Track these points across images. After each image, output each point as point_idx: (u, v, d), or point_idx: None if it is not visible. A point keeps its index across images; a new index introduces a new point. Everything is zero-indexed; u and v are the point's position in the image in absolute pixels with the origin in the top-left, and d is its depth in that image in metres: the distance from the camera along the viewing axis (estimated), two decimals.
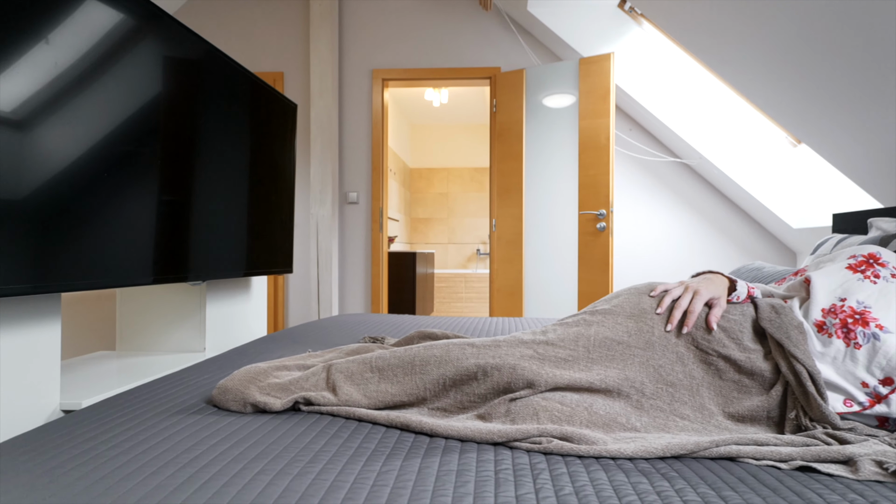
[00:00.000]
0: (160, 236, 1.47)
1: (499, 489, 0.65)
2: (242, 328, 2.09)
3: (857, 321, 0.91)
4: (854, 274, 0.98)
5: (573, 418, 0.87)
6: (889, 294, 0.94)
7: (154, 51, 1.45)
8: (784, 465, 0.77)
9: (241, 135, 1.93)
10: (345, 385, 0.95)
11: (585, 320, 1.03)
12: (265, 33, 4.22)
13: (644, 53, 3.76)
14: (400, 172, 7.72)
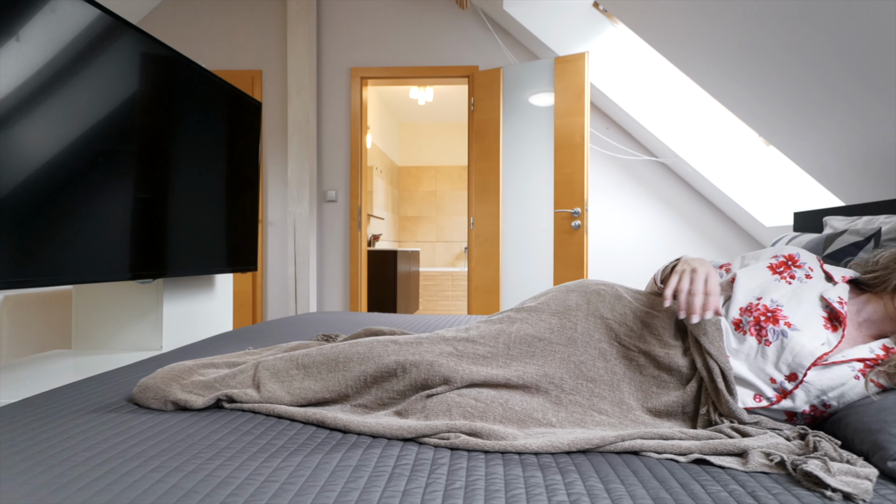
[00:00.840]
0: (112, 235, 1.48)
1: (389, 483, 0.67)
2: (206, 325, 2.10)
3: (768, 319, 0.93)
4: (773, 275, 1.00)
5: (487, 414, 0.88)
6: (800, 294, 0.96)
7: (111, 55, 1.46)
8: (682, 458, 0.79)
9: (202, 134, 1.94)
10: (269, 382, 0.96)
11: (510, 317, 1.05)
12: (243, 31, 4.21)
13: (619, 52, 3.78)
14: (387, 171, 7.71)
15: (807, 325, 0.91)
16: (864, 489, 0.65)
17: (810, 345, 0.89)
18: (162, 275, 1.69)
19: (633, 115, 3.83)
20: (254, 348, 1.25)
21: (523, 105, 3.85)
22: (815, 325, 0.91)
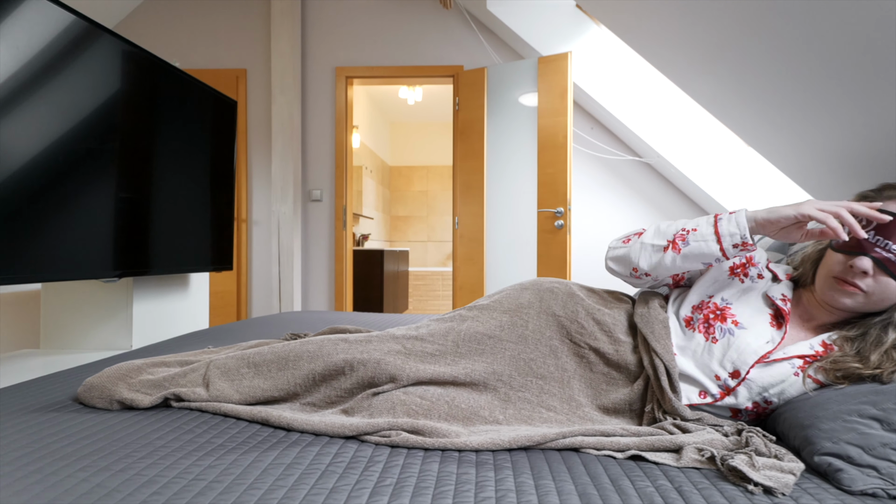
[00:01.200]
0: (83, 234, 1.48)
1: (319, 481, 0.67)
2: (180, 324, 2.10)
3: (717, 317, 0.94)
4: (730, 276, 1.01)
5: (432, 412, 0.89)
6: (749, 292, 0.97)
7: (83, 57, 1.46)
8: (619, 454, 0.80)
9: (176, 134, 1.94)
10: (218, 381, 0.96)
11: (461, 315, 1.05)
12: (227, 30, 4.20)
13: (603, 52, 3.80)
14: (378, 170, 7.70)
15: (753, 323, 0.92)
16: (784, 483, 0.66)
17: (755, 343, 0.90)
18: (131, 274, 1.69)
19: (616, 116, 3.85)
20: (213, 347, 1.25)
21: (507, 105, 3.86)
22: (761, 324, 0.92)
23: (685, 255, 0.93)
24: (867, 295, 0.85)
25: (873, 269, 0.83)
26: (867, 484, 0.66)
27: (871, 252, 0.83)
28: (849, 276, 0.85)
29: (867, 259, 0.83)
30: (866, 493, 0.65)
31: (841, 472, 0.68)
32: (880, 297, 0.85)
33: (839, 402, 0.76)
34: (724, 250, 0.89)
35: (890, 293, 0.84)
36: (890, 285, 0.83)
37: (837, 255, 0.88)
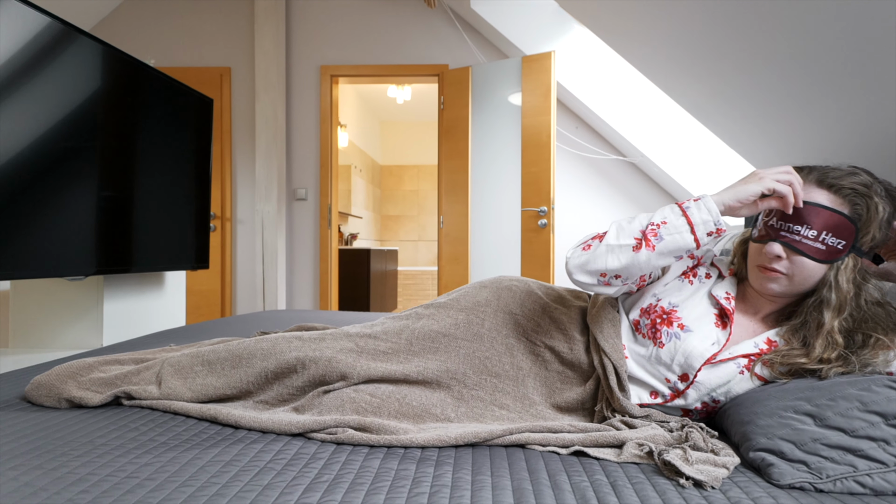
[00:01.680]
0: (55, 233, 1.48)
1: (256, 478, 0.67)
2: (155, 322, 2.09)
3: (663, 321, 0.94)
4: (680, 276, 1.01)
5: (382, 409, 0.89)
6: (696, 294, 0.97)
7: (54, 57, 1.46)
8: (563, 450, 0.80)
9: (150, 133, 1.93)
10: (171, 379, 0.96)
11: (418, 314, 1.06)
12: (211, 28, 4.18)
13: (587, 52, 3.81)
14: (368, 170, 7.69)
15: (699, 325, 0.92)
16: (714, 477, 0.66)
17: (701, 346, 0.90)
18: (104, 272, 1.68)
19: (601, 115, 3.86)
20: (175, 345, 1.25)
21: (492, 104, 3.87)
22: (707, 325, 0.92)
23: (660, 252, 0.86)
24: (789, 277, 0.87)
25: (785, 252, 0.86)
26: (795, 478, 0.66)
27: (778, 238, 0.86)
28: (767, 263, 0.88)
29: (776, 244, 0.86)
30: (794, 487, 0.66)
31: (772, 466, 0.68)
32: (802, 276, 0.86)
33: (777, 399, 0.77)
34: (699, 239, 0.85)
35: (809, 270, 0.86)
36: (805, 263, 0.85)
37: (755, 246, 0.91)
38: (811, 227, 0.84)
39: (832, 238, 0.84)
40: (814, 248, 0.84)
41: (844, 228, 0.83)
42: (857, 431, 0.67)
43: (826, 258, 0.84)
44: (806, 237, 0.84)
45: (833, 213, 0.84)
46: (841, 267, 0.85)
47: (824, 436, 0.68)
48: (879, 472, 0.65)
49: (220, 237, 4.15)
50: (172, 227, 2.10)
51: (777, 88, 2.12)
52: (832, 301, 0.84)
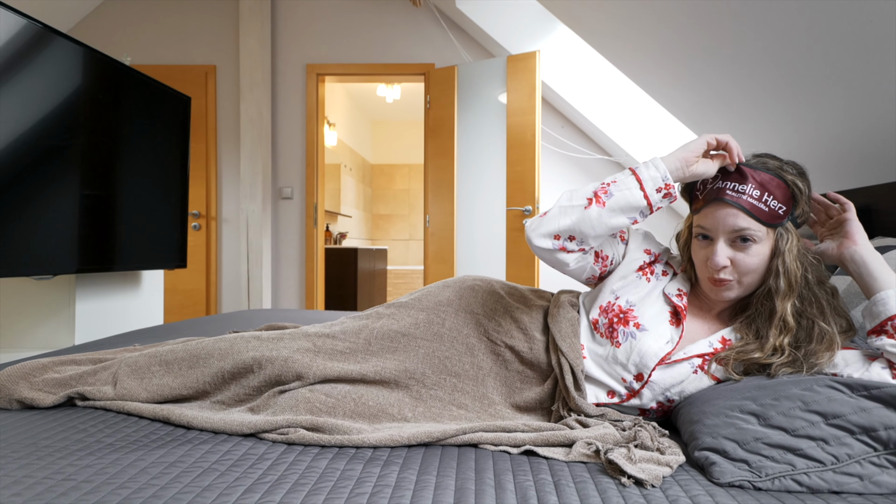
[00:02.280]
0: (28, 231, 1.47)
1: (196, 479, 0.67)
2: (130, 322, 2.08)
3: (620, 320, 0.94)
4: (637, 272, 1.01)
5: (336, 409, 0.89)
6: (652, 292, 0.97)
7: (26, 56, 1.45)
8: (515, 450, 0.80)
9: (125, 131, 1.92)
10: (126, 379, 0.96)
11: (378, 313, 1.05)
12: (196, 26, 4.15)
13: (572, 51, 3.81)
14: (358, 168, 7.67)
15: (654, 324, 0.92)
16: (655, 475, 0.67)
17: (655, 345, 0.90)
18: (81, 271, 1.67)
19: (586, 115, 3.87)
20: (140, 345, 1.24)
21: (478, 103, 3.87)
22: (662, 324, 0.93)
23: (610, 208, 0.87)
24: (738, 280, 0.88)
25: (727, 260, 0.86)
26: (735, 477, 0.67)
27: (723, 197, 0.86)
28: (714, 275, 0.88)
29: (717, 257, 0.86)
30: (733, 485, 0.67)
31: (714, 465, 0.69)
32: (750, 274, 0.87)
33: (726, 398, 0.77)
34: (648, 195, 0.87)
35: (753, 266, 0.86)
36: (747, 261, 0.85)
37: (700, 255, 0.91)
38: (755, 187, 0.85)
39: (774, 201, 0.85)
40: (758, 207, 0.84)
41: (784, 193, 0.85)
42: (797, 431, 0.67)
43: (769, 220, 0.85)
44: (751, 196, 0.85)
45: (774, 177, 0.86)
46: (785, 249, 0.86)
47: (766, 435, 0.69)
48: (816, 470, 0.65)
49: (206, 236, 4.13)
50: (150, 226, 2.09)
51: (755, 89, 2.13)
52: (781, 288, 0.85)
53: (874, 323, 0.79)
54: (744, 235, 0.85)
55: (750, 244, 0.85)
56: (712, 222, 0.87)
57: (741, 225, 0.85)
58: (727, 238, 0.86)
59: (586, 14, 2.60)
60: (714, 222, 0.87)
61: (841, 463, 0.65)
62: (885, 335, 0.78)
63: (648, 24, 2.31)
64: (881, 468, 0.64)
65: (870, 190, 1.50)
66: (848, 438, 0.66)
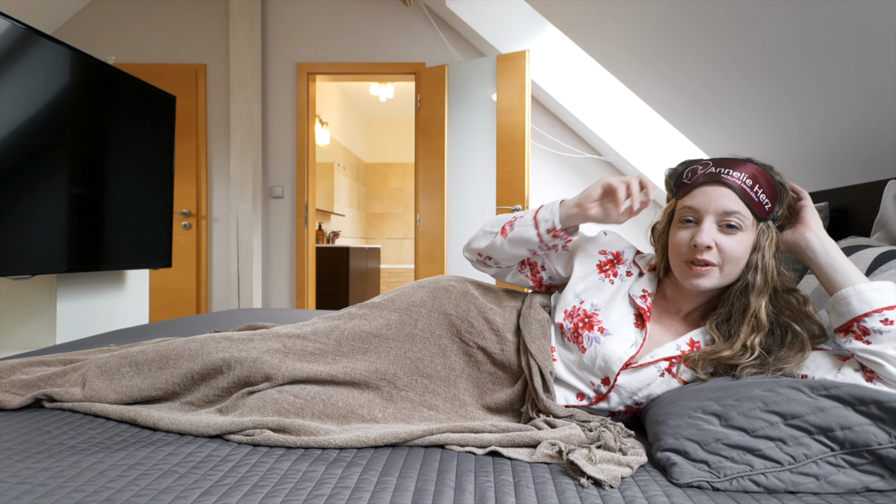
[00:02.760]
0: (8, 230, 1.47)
1: (154, 482, 0.67)
2: (114, 321, 2.08)
3: (585, 325, 0.94)
4: (599, 274, 1.01)
5: (305, 410, 0.88)
6: (616, 295, 0.97)
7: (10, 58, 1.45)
8: (480, 450, 0.80)
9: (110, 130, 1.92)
10: (95, 380, 0.95)
11: (350, 314, 1.05)
12: (187, 25, 4.14)
13: (562, 51, 3.81)
14: (352, 167, 7.65)
15: (618, 328, 0.92)
16: (614, 476, 0.67)
17: (619, 349, 0.90)
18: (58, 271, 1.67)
19: (576, 115, 3.87)
20: (115, 345, 1.24)
21: (468, 102, 3.86)
22: (626, 327, 0.92)
23: (511, 240, 0.98)
24: (720, 267, 0.86)
25: (713, 241, 0.84)
26: (694, 477, 0.67)
27: (720, 180, 0.85)
28: (697, 255, 0.85)
29: (704, 234, 0.83)
30: (692, 486, 0.67)
31: (675, 466, 0.69)
32: (731, 263, 0.85)
33: (690, 399, 0.77)
34: (540, 235, 0.95)
35: (738, 254, 0.84)
36: (732, 246, 0.84)
37: (679, 238, 0.88)
38: (748, 175, 0.84)
39: (763, 194, 0.84)
40: (749, 195, 0.84)
41: (772, 189, 0.85)
42: (757, 431, 0.68)
43: (758, 212, 0.84)
44: (744, 182, 0.84)
45: (765, 172, 0.85)
46: (765, 245, 0.85)
47: (726, 435, 0.69)
48: (774, 471, 0.65)
49: (196, 235, 4.12)
50: (136, 225, 2.08)
51: (739, 88, 2.13)
52: (757, 283, 0.85)
53: (840, 322, 0.79)
54: (731, 221, 0.84)
55: (736, 231, 0.84)
56: (703, 201, 0.85)
57: (732, 207, 0.83)
58: (716, 219, 0.85)
59: (573, 14, 2.60)
60: (705, 201, 0.85)
61: (798, 463, 0.65)
62: (852, 336, 0.77)
63: (634, 25, 2.31)
64: (837, 468, 0.64)
65: (846, 190, 1.50)
66: (806, 439, 0.66)
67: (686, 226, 0.88)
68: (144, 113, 2.12)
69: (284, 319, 1.86)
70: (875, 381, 0.76)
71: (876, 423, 0.63)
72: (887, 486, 0.64)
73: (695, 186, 0.88)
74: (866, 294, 0.77)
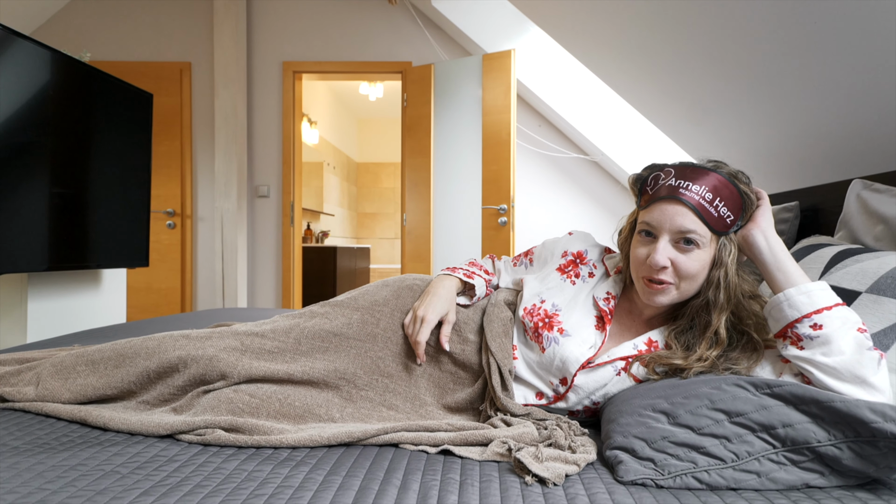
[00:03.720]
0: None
1: (93, 483, 0.66)
2: (89, 321, 2.06)
3: (545, 325, 0.93)
4: (561, 275, 1.01)
5: (260, 410, 0.88)
6: (578, 296, 0.97)
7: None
8: (433, 449, 0.80)
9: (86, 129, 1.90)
10: (50, 379, 0.94)
11: (312, 312, 1.04)
12: (171, 23, 4.11)
13: (548, 50, 3.81)
14: (343, 167, 7.63)
15: (578, 329, 0.92)
16: (558, 474, 0.66)
17: (577, 350, 0.90)
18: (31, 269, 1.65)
19: (562, 114, 3.87)
20: (81, 345, 1.22)
21: (454, 101, 3.86)
22: (586, 329, 0.92)
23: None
24: (676, 285, 0.84)
25: (668, 260, 0.83)
26: (639, 475, 0.67)
27: (677, 195, 0.82)
28: (653, 275, 0.84)
29: (658, 255, 0.82)
30: (636, 484, 0.66)
31: (621, 463, 0.69)
32: (689, 280, 0.84)
33: (642, 397, 0.77)
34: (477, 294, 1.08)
35: (693, 271, 0.83)
36: (688, 265, 0.82)
37: (638, 254, 0.87)
38: (708, 189, 0.82)
39: (724, 208, 0.82)
40: (708, 211, 0.81)
41: (735, 202, 0.82)
42: (702, 429, 0.68)
43: (716, 227, 0.81)
44: (703, 198, 0.81)
45: (728, 183, 0.82)
46: (728, 261, 0.83)
47: (673, 433, 0.69)
48: (717, 468, 0.65)
49: (181, 234, 4.10)
50: (112, 223, 2.06)
51: (716, 89, 2.14)
52: (719, 300, 0.83)
53: (776, 328, 0.78)
54: (688, 238, 0.81)
55: (693, 248, 0.82)
56: (659, 218, 0.83)
57: (688, 226, 0.81)
58: (671, 237, 0.83)
59: (555, 14, 2.60)
60: (661, 218, 0.83)
61: (741, 460, 0.65)
62: (789, 342, 0.76)
63: (616, 26, 2.31)
64: (779, 465, 0.64)
65: (816, 189, 1.51)
66: (749, 436, 0.66)
67: (644, 240, 0.87)
68: (121, 111, 2.10)
69: (264, 319, 1.85)
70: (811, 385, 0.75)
71: (816, 421, 0.63)
72: (826, 482, 0.64)
73: (654, 201, 0.85)
74: (795, 299, 0.75)
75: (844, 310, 0.75)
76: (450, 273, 1.07)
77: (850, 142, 1.60)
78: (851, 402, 0.62)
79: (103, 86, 1.99)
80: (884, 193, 1.17)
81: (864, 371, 0.70)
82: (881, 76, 1.34)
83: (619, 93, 2.74)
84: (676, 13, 1.95)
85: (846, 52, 1.40)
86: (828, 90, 1.59)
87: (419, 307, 0.98)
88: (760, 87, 1.91)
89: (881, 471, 0.63)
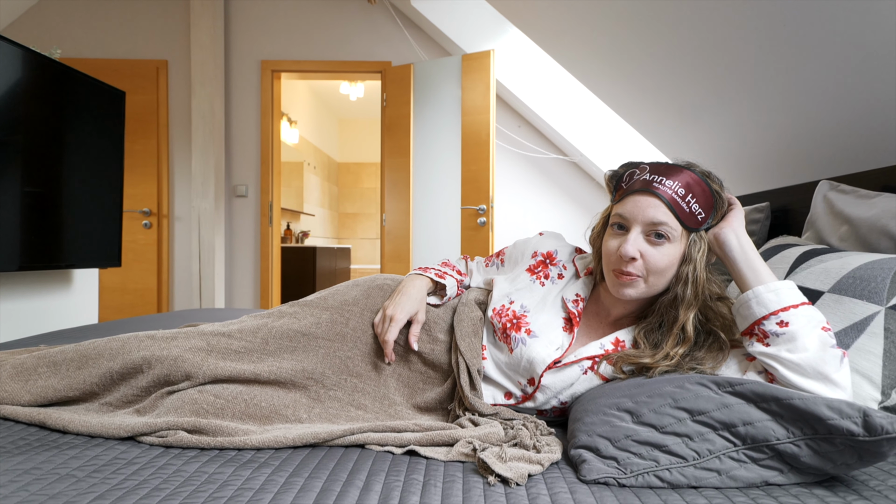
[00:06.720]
0: None
1: (46, 487, 0.64)
2: (60, 321, 2.01)
3: (513, 326, 0.93)
4: (531, 276, 1.01)
5: (225, 410, 0.86)
6: (547, 297, 0.97)
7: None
8: (398, 450, 0.79)
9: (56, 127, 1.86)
10: (8, 381, 0.91)
11: (280, 312, 1.03)
12: (147, 20, 4.04)
13: (528, 51, 3.83)
14: (323, 167, 7.58)
15: (545, 330, 0.92)
16: (521, 474, 0.66)
17: (544, 352, 0.90)
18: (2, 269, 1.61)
19: (541, 115, 3.89)
20: (47, 346, 1.19)
21: (433, 101, 3.85)
22: (554, 330, 0.92)
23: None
24: (645, 279, 0.85)
25: (638, 252, 0.83)
26: (601, 474, 0.67)
27: (650, 189, 0.83)
28: (622, 266, 0.84)
29: (629, 245, 0.83)
30: (599, 482, 0.67)
31: (585, 463, 0.69)
32: (657, 274, 0.84)
33: (608, 396, 0.78)
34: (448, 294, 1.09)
35: (662, 265, 0.83)
36: (657, 258, 0.83)
37: (609, 247, 0.88)
38: (681, 185, 0.83)
39: (696, 204, 0.83)
40: (680, 205, 0.82)
41: (707, 199, 0.84)
42: (665, 428, 0.68)
43: (687, 222, 0.82)
44: (676, 192, 0.82)
45: (701, 181, 0.84)
46: (697, 257, 0.84)
47: (636, 432, 0.69)
48: (678, 466, 0.66)
49: (157, 234, 4.03)
50: (84, 223, 2.02)
51: (693, 91, 2.17)
52: (687, 296, 0.84)
53: (743, 326, 0.79)
54: (659, 231, 0.82)
55: (663, 242, 0.83)
56: (632, 210, 0.84)
57: (660, 218, 0.82)
58: (643, 229, 0.83)
59: (532, 14, 2.61)
60: (633, 210, 0.84)
61: (702, 458, 0.65)
62: (755, 339, 0.77)
63: (593, 28, 2.33)
64: (739, 463, 0.65)
65: (787, 190, 1.53)
66: (711, 434, 0.66)
67: (616, 233, 0.87)
68: (94, 109, 2.06)
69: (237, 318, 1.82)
70: (775, 383, 0.77)
71: (775, 419, 0.64)
72: (785, 480, 0.65)
73: (628, 194, 0.86)
74: (764, 296, 0.77)
75: (810, 308, 0.76)
76: (421, 273, 1.06)
77: (821, 144, 1.63)
78: (809, 399, 0.63)
79: (75, 84, 1.95)
80: (849, 194, 1.19)
81: (827, 368, 0.72)
82: (851, 81, 1.37)
83: (597, 94, 2.77)
84: (651, 18, 1.97)
85: (818, 57, 1.43)
86: (801, 94, 1.62)
87: (389, 306, 0.97)
88: (736, 91, 1.94)
89: (838, 468, 0.64)
